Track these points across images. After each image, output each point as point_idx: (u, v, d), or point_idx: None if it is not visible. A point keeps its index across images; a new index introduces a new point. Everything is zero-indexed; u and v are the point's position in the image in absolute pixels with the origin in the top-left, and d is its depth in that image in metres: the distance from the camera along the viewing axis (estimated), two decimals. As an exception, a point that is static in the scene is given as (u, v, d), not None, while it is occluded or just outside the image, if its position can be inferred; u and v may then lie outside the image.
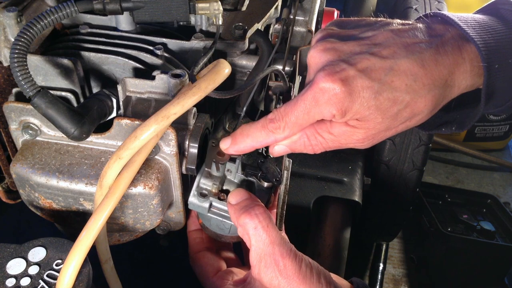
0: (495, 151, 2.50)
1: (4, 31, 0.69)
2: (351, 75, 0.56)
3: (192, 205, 0.67)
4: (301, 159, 1.44)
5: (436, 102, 0.58)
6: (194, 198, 0.67)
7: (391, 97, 0.56)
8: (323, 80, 0.56)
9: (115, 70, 0.74)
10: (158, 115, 0.58)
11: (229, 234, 0.70)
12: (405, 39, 0.58)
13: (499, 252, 1.73)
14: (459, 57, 0.58)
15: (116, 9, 0.68)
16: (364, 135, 0.60)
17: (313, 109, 0.57)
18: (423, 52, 0.57)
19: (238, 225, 0.63)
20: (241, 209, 0.63)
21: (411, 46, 0.57)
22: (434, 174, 2.39)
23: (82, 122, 0.60)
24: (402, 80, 0.56)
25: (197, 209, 0.67)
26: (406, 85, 0.56)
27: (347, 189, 1.38)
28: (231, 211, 0.64)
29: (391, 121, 0.58)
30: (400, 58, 0.56)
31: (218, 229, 0.70)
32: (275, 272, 0.61)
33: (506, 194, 2.31)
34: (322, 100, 0.56)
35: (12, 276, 0.58)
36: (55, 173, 0.64)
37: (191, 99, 0.60)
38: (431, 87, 0.57)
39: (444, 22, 0.60)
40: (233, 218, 0.64)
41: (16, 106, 0.64)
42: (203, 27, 0.79)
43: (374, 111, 0.57)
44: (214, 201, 0.66)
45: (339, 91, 0.55)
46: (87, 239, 0.56)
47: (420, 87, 0.57)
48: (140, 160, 0.60)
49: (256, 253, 0.62)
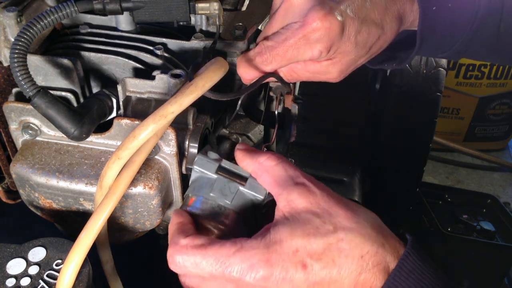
0: (495, 151, 2.50)
1: (4, 31, 0.69)
2: (339, 13, 0.60)
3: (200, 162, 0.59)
4: (301, 159, 1.44)
5: (394, 35, 0.66)
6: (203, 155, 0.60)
7: (368, 31, 0.62)
8: (315, 19, 0.59)
9: (115, 70, 0.74)
10: (156, 114, 0.58)
11: (232, 203, 0.59)
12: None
13: (499, 252, 1.73)
14: None
15: (116, 9, 0.68)
16: (338, 71, 0.65)
17: (303, 47, 0.61)
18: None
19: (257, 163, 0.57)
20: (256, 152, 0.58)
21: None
22: (434, 174, 2.38)
23: (82, 122, 0.60)
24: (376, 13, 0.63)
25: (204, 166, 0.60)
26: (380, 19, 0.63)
27: (347, 189, 1.38)
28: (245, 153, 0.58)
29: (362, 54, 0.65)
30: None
31: (221, 195, 0.59)
32: (309, 186, 0.52)
33: (506, 194, 2.31)
34: (313, 38, 0.60)
35: (12, 276, 0.58)
36: (55, 173, 0.64)
37: (188, 97, 0.59)
38: (394, 21, 0.64)
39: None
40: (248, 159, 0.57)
41: (16, 106, 0.64)
42: (203, 27, 0.79)
43: (354, 46, 0.62)
44: (223, 162, 0.60)
45: (331, 29, 0.59)
46: (87, 239, 0.56)
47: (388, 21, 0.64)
48: (140, 160, 0.60)
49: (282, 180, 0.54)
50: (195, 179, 0.62)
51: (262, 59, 0.64)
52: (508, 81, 2.23)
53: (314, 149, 1.48)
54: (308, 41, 0.60)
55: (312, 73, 0.66)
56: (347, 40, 0.61)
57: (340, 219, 0.51)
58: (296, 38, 0.61)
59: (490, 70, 2.19)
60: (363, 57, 0.66)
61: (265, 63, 0.64)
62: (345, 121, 1.58)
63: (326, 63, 0.64)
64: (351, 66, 0.66)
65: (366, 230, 0.51)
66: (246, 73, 0.66)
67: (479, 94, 2.27)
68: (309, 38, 0.60)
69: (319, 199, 0.52)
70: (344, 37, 0.61)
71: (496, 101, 2.30)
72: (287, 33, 0.62)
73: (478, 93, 2.27)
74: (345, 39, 0.61)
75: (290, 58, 0.62)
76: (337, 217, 0.51)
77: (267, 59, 0.63)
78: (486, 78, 2.22)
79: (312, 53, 0.61)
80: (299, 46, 0.61)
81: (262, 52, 0.64)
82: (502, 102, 2.31)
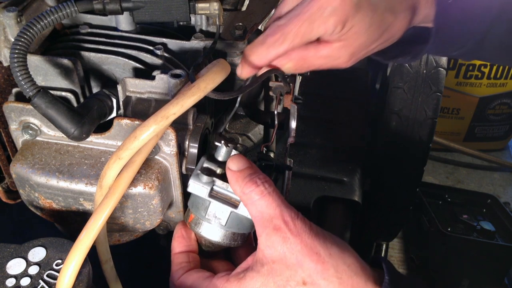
0: (495, 151, 2.50)
1: (4, 31, 0.69)
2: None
3: (193, 186, 0.62)
4: (301, 159, 1.44)
5: (407, 25, 0.65)
6: (196, 178, 0.62)
7: (382, 15, 0.62)
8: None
9: (115, 70, 0.74)
10: (157, 115, 0.58)
11: (226, 226, 0.63)
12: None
13: (499, 252, 1.73)
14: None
15: (116, 9, 0.68)
16: (349, 54, 0.63)
17: (317, 21, 0.59)
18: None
19: (242, 194, 0.58)
20: (245, 177, 0.58)
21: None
22: (434, 174, 2.39)
23: (82, 122, 0.60)
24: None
25: (197, 190, 0.62)
26: (393, 5, 0.63)
27: (347, 189, 1.38)
28: (233, 178, 0.59)
29: (375, 38, 0.63)
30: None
31: (215, 218, 0.63)
32: (285, 233, 0.55)
33: (506, 194, 2.31)
34: (328, 11, 0.59)
35: (12, 276, 0.58)
36: (55, 173, 0.64)
37: (190, 99, 0.59)
38: (408, 9, 0.64)
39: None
40: (236, 186, 0.59)
41: (16, 106, 0.64)
42: (203, 27, 0.79)
43: (368, 27, 0.61)
44: (216, 183, 0.62)
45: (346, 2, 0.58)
46: (87, 239, 0.56)
47: (402, 9, 0.63)
48: (140, 160, 0.60)
49: (263, 219, 0.57)
50: (193, 194, 0.64)
51: (274, 39, 0.61)
52: (508, 81, 2.23)
53: (314, 149, 1.48)
54: (322, 14, 0.59)
55: (323, 58, 0.63)
56: (361, 19, 0.60)
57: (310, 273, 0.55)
58: (311, 11, 0.59)
59: (490, 70, 2.19)
60: (375, 42, 0.64)
61: (278, 43, 0.61)
62: (345, 121, 1.58)
63: (338, 45, 0.62)
64: (363, 50, 0.65)
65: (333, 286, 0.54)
66: (258, 58, 0.63)
67: (479, 94, 2.27)
68: (323, 10, 0.59)
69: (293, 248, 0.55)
70: (358, 14, 0.60)
71: (496, 101, 2.30)
72: (300, 8, 0.61)
73: (478, 93, 2.27)
74: (359, 16, 0.60)
75: (304, 35, 0.60)
76: (306, 270, 0.55)
77: (279, 38, 0.61)
78: (486, 78, 2.22)
79: (326, 27, 0.59)
80: (313, 20, 0.59)
81: (273, 32, 0.61)
82: (502, 102, 2.31)
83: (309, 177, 1.39)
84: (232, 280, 0.58)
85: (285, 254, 0.55)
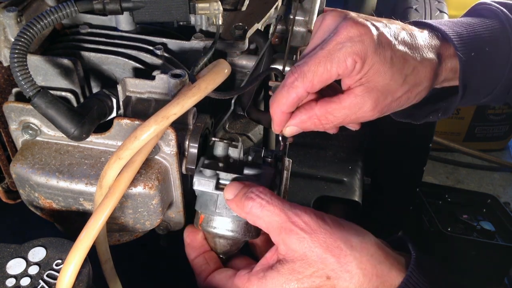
0: (495, 151, 2.50)
1: (4, 31, 0.69)
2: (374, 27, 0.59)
3: (198, 182, 0.64)
4: (301, 159, 1.44)
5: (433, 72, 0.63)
6: (200, 175, 0.63)
7: (403, 55, 0.60)
8: (349, 26, 0.57)
9: (115, 70, 0.74)
10: (157, 116, 0.58)
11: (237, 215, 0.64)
12: None
13: (499, 252, 1.73)
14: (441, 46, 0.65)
15: (116, 9, 0.68)
16: (374, 101, 0.60)
17: (336, 58, 0.57)
18: None
19: (245, 214, 0.60)
20: (241, 199, 0.60)
21: None
22: (434, 174, 2.39)
23: (82, 122, 0.60)
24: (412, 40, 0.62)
25: (203, 186, 0.64)
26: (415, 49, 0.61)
27: (347, 189, 1.38)
28: (233, 205, 0.61)
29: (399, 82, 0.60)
30: None
31: (226, 210, 0.64)
32: (298, 233, 0.56)
33: (506, 194, 2.31)
34: (347, 47, 0.57)
35: (12, 276, 0.58)
36: (55, 173, 0.64)
37: (190, 99, 0.60)
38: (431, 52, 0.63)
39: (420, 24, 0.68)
40: (238, 210, 0.61)
41: (16, 106, 0.64)
42: (203, 27, 0.79)
43: (390, 67, 0.59)
44: (221, 175, 0.64)
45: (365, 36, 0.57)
46: (87, 239, 0.56)
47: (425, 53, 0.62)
48: (140, 160, 0.60)
49: (273, 228, 0.58)
50: (200, 195, 0.66)
51: (292, 79, 0.59)
52: (508, 81, 2.23)
53: (314, 149, 1.48)
54: (341, 50, 0.57)
55: (347, 108, 0.61)
56: (382, 57, 0.58)
57: (333, 267, 0.55)
58: (328, 48, 0.58)
59: (490, 70, 2.19)
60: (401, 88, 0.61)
61: (297, 83, 0.59)
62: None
63: (360, 90, 0.60)
64: (388, 97, 0.61)
65: (358, 278, 0.54)
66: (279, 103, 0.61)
67: (479, 94, 2.27)
68: (342, 46, 0.57)
69: (311, 246, 0.56)
70: (378, 50, 0.58)
71: (496, 101, 2.30)
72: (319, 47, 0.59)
73: (478, 93, 2.27)
74: (379, 53, 0.58)
75: (323, 73, 0.58)
76: (329, 265, 0.55)
77: (297, 77, 0.59)
78: (486, 78, 2.21)
79: (345, 65, 0.57)
80: (331, 57, 0.57)
81: (292, 72, 0.60)
82: (502, 102, 2.30)
83: (309, 177, 1.39)
84: (253, 280, 0.59)
85: (305, 253, 0.56)
